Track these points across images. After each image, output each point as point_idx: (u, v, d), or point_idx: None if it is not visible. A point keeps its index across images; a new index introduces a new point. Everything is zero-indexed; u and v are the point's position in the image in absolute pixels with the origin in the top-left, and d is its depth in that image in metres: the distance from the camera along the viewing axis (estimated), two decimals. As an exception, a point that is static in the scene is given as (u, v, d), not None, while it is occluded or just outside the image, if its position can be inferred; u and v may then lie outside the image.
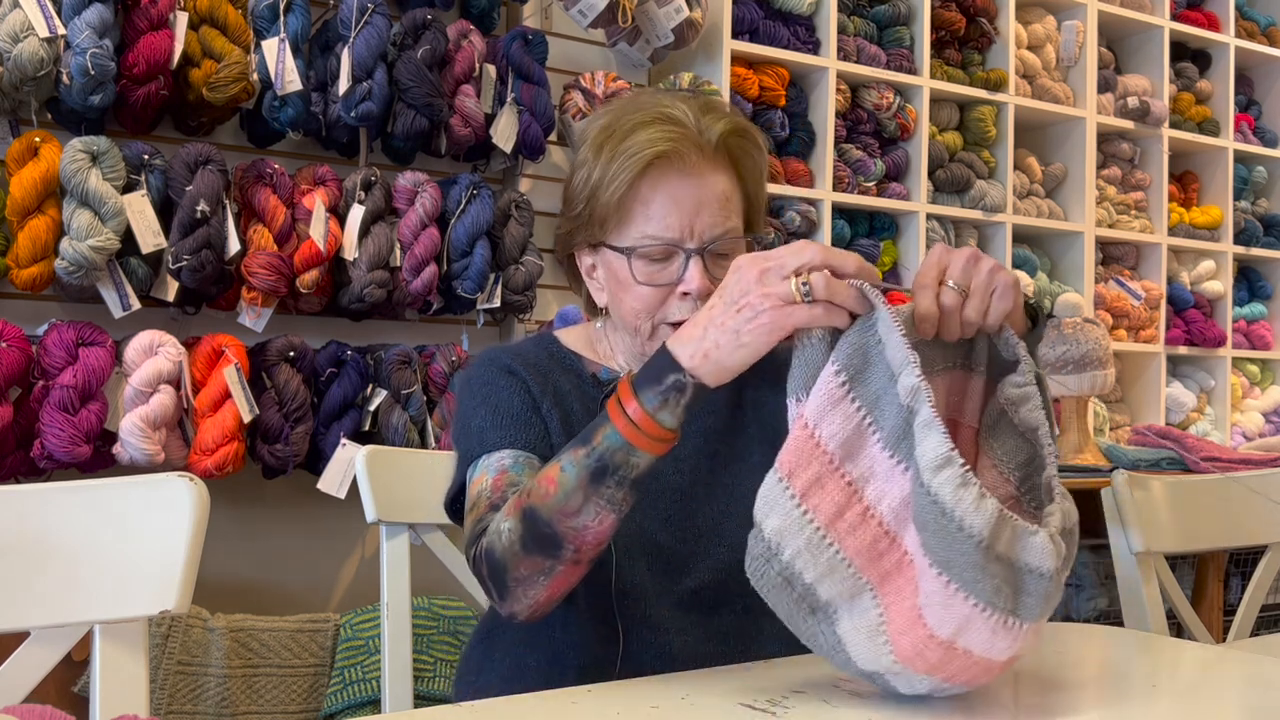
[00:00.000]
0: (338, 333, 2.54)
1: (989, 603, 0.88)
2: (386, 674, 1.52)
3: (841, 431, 0.97)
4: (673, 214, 1.22)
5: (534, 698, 1.03)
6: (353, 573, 2.67)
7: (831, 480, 0.96)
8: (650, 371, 1.06)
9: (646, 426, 1.05)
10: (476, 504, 1.20)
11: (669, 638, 1.22)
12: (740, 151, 1.28)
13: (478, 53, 2.59)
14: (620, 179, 1.22)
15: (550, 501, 1.08)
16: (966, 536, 0.88)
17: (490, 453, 1.23)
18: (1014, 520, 0.90)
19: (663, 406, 1.05)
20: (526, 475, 1.20)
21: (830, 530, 0.96)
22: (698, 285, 1.22)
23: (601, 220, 1.26)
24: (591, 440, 1.07)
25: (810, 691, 1.00)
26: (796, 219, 3.14)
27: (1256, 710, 1.06)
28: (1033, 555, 0.90)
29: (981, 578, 0.88)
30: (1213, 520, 1.75)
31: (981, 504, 0.88)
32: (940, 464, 0.90)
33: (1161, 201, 3.98)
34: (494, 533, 1.14)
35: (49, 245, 2.11)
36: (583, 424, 1.25)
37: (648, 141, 1.22)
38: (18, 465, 2.11)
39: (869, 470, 0.97)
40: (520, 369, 1.29)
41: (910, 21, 3.44)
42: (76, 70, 2.09)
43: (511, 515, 1.12)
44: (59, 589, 1.04)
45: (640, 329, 1.26)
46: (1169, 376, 4.00)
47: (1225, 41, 4.17)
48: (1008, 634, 0.89)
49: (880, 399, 0.96)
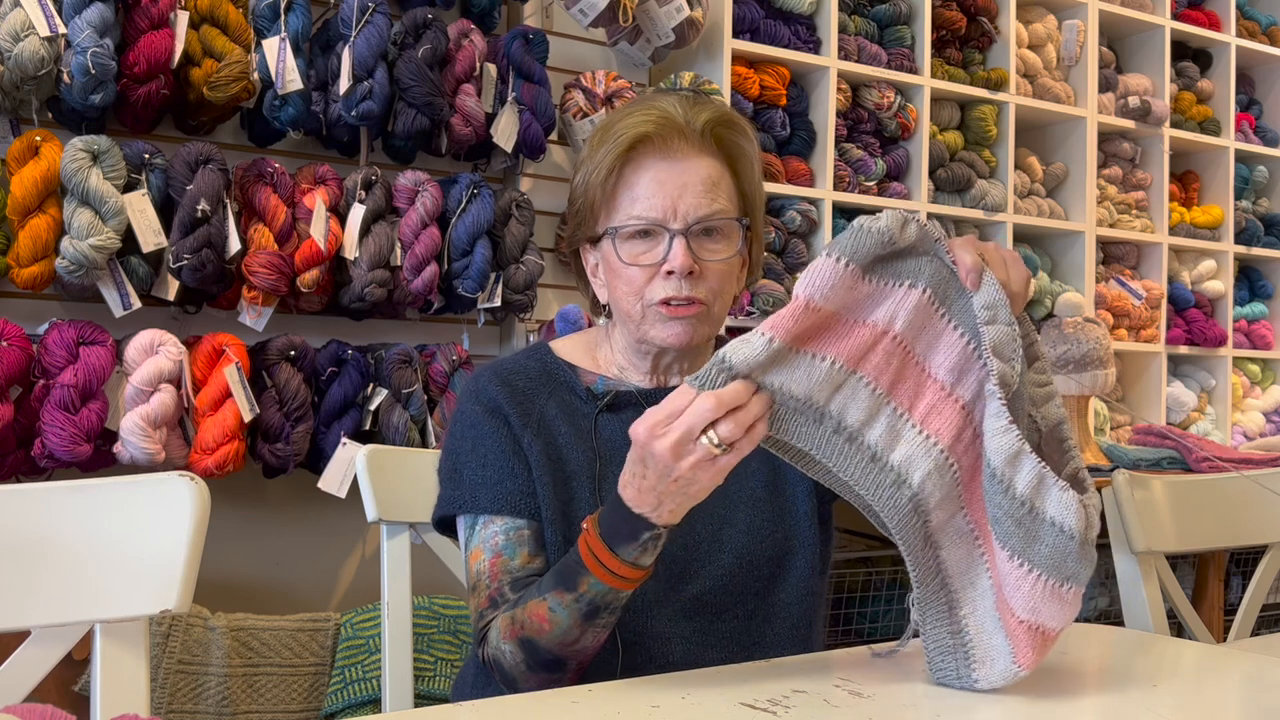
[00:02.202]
0: (338, 332, 2.54)
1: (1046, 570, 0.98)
2: (387, 673, 1.52)
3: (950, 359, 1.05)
4: (655, 195, 1.25)
5: (534, 698, 1.03)
6: (353, 572, 2.67)
7: (948, 405, 1.04)
8: (622, 529, 1.09)
9: (628, 573, 1.10)
10: (476, 587, 1.26)
11: (670, 646, 1.23)
12: (729, 141, 1.30)
13: (478, 52, 2.59)
14: (605, 163, 1.26)
15: (547, 637, 1.14)
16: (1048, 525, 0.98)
17: (481, 517, 1.28)
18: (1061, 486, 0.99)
19: (642, 554, 1.10)
20: (519, 557, 1.25)
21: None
22: (680, 264, 1.24)
23: (594, 209, 1.29)
24: (576, 587, 1.11)
25: (810, 691, 1.00)
26: (797, 218, 3.14)
27: (1256, 710, 1.06)
28: (1062, 512, 0.98)
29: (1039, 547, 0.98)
30: (1213, 520, 1.75)
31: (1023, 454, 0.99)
32: (1012, 454, 0.99)
33: (1162, 201, 3.97)
34: (496, 649, 1.19)
35: (50, 244, 2.11)
36: (569, 447, 1.28)
37: (630, 125, 1.26)
38: (18, 464, 2.11)
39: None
40: (505, 403, 1.31)
41: (911, 21, 3.44)
42: (77, 69, 2.09)
43: (509, 640, 1.18)
44: (60, 588, 1.04)
45: (632, 313, 1.28)
46: (1170, 376, 4.00)
47: (1226, 41, 4.17)
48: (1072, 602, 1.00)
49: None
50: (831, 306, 1.01)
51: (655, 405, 1.03)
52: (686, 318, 1.26)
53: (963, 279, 1.03)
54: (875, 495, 1.03)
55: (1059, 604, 0.98)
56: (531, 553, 1.26)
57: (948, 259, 1.04)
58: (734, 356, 1.00)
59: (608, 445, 1.30)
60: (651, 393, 1.34)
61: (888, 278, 1.03)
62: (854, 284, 1.01)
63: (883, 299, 1.03)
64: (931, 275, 1.03)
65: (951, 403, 1.03)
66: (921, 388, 1.04)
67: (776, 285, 3.02)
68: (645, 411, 1.04)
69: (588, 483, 1.28)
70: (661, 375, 1.35)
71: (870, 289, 1.03)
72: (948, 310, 1.04)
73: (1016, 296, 1.05)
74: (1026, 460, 0.98)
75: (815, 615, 1.33)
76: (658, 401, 1.33)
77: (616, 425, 1.31)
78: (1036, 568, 0.98)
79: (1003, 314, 1.02)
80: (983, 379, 1.02)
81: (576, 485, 1.28)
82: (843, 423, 1.03)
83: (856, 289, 1.02)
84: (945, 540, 1.04)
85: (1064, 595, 0.98)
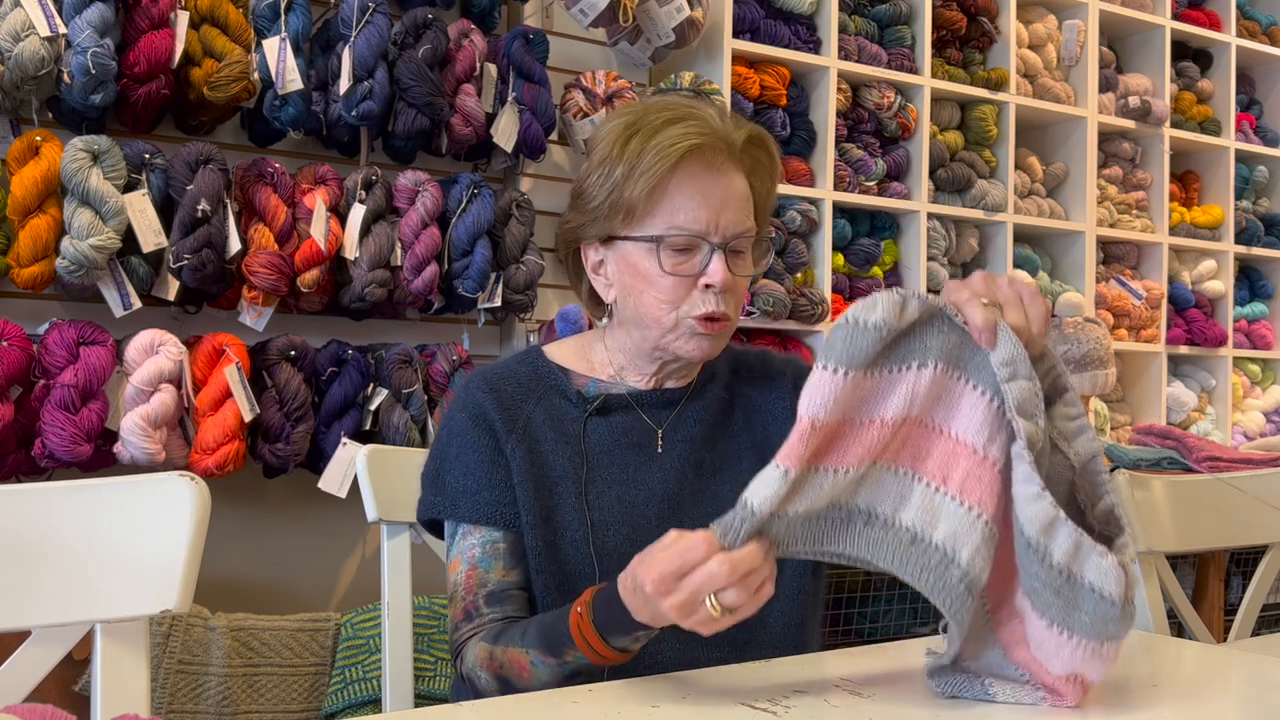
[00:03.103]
0: (339, 332, 2.54)
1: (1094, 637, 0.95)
2: (387, 673, 1.52)
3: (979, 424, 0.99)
4: (701, 208, 1.25)
5: (534, 698, 1.03)
6: (353, 572, 2.67)
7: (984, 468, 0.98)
8: (616, 624, 1.08)
9: (614, 657, 1.11)
10: (453, 597, 1.28)
11: (659, 646, 1.22)
12: (754, 159, 1.31)
13: (479, 52, 2.59)
14: (653, 170, 1.24)
15: (526, 684, 1.16)
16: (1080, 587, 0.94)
17: (462, 525, 1.30)
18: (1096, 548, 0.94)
19: (633, 643, 1.11)
20: (494, 570, 1.27)
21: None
22: (721, 279, 1.25)
23: (627, 212, 1.27)
24: (561, 655, 1.13)
25: (811, 691, 1.00)
26: (797, 218, 3.14)
27: (1257, 710, 1.06)
28: (1102, 579, 0.94)
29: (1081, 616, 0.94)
30: (1213, 520, 1.74)
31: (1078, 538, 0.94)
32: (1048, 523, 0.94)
33: (1162, 201, 3.97)
34: (472, 672, 1.22)
35: (50, 244, 2.11)
36: (554, 453, 1.29)
37: (682, 135, 1.25)
38: (19, 464, 2.11)
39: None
40: (491, 410, 1.31)
41: (911, 21, 3.44)
42: (77, 69, 2.09)
43: (486, 671, 1.20)
44: (60, 588, 1.04)
45: (662, 320, 1.28)
46: (1170, 376, 4.00)
47: (1226, 41, 4.17)
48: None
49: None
50: (837, 416, 0.96)
51: (663, 546, 1.00)
52: (717, 334, 1.28)
53: (976, 340, 0.97)
54: (922, 579, 0.97)
55: (1099, 660, 0.95)
56: (508, 566, 1.27)
57: (958, 320, 0.97)
58: (755, 500, 0.95)
59: (595, 449, 1.30)
60: (646, 394, 1.34)
61: (893, 364, 0.97)
62: (856, 386, 0.96)
63: (893, 389, 0.97)
64: (940, 347, 0.97)
65: (988, 466, 0.97)
66: (953, 455, 0.98)
67: (777, 285, 3.02)
68: (652, 554, 1.00)
69: (573, 488, 1.28)
70: (660, 379, 1.35)
71: (875, 383, 0.97)
72: (963, 373, 0.98)
73: (1037, 337, 0.99)
74: (1062, 528, 0.93)
75: (810, 616, 1.33)
76: (652, 404, 1.34)
77: (605, 429, 1.32)
78: (1077, 634, 0.94)
79: (1022, 368, 0.96)
80: (1011, 436, 0.97)
81: (561, 491, 1.28)
82: (874, 514, 0.98)
83: (861, 388, 0.96)
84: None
85: (1104, 653, 0.95)
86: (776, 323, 3.03)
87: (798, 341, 3.17)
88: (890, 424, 0.98)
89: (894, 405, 0.98)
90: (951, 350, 0.98)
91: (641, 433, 1.32)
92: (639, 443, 1.32)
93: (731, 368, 1.40)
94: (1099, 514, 1.01)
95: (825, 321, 3.12)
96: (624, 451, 1.31)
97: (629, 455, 1.31)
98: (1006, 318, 0.99)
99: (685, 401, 1.35)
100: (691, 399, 1.35)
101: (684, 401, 1.35)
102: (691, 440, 1.33)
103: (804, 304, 3.06)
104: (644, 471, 1.31)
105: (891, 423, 0.98)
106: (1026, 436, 0.95)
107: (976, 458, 0.98)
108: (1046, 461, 0.99)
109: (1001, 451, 0.98)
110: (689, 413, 1.35)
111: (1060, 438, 1.01)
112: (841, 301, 3.26)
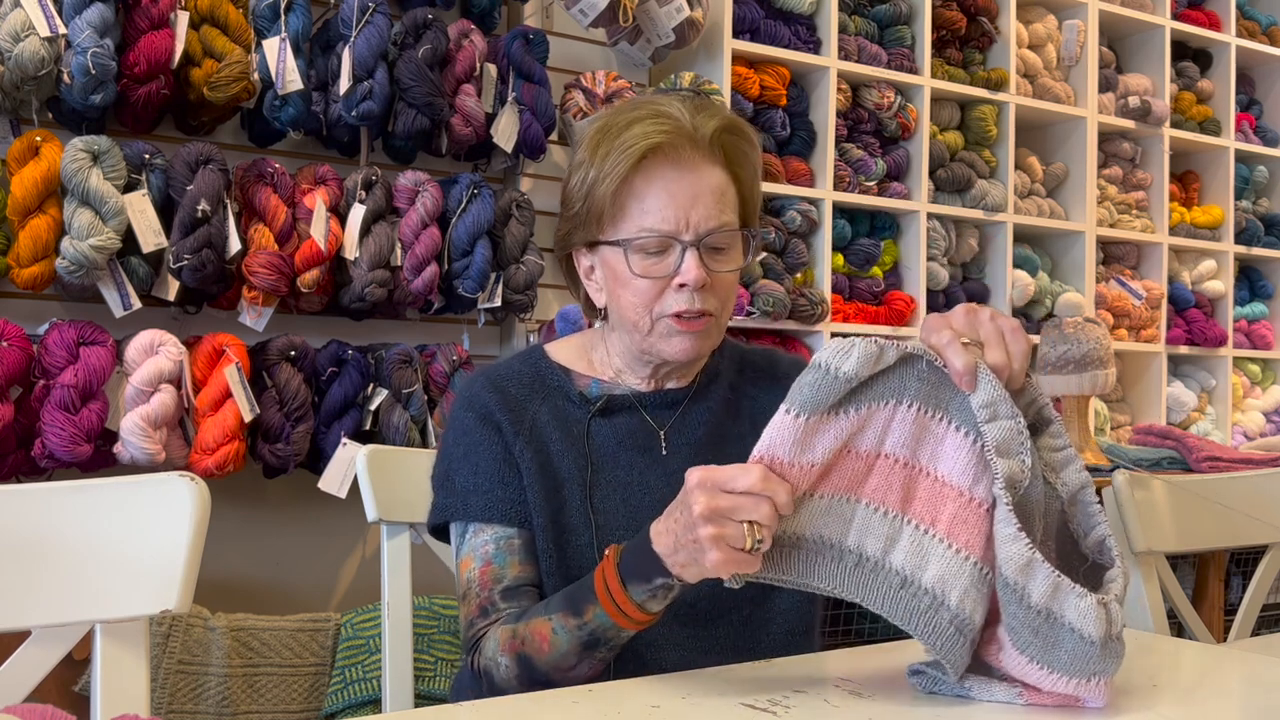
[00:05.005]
0: (338, 332, 2.54)
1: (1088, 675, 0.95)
2: (387, 673, 1.52)
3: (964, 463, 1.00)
4: (668, 206, 1.23)
5: (534, 698, 1.03)
6: (353, 572, 2.67)
7: (971, 511, 0.99)
8: (639, 566, 1.08)
9: (634, 614, 1.10)
10: (466, 595, 1.26)
11: (663, 653, 1.22)
12: (734, 148, 1.28)
13: (479, 52, 2.59)
14: (615, 172, 1.23)
15: (545, 658, 1.14)
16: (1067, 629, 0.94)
17: (473, 524, 1.28)
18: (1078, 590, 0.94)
19: (650, 599, 1.09)
20: (509, 566, 1.25)
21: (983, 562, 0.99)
22: (694, 277, 1.23)
23: (598, 216, 1.26)
24: (582, 614, 1.12)
25: (811, 691, 1.00)
26: (797, 218, 3.14)
27: (1257, 710, 1.06)
28: (1081, 619, 0.94)
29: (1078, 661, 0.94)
30: (1213, 520, 1.74)
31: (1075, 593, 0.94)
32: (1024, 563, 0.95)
33: (1162, 201, 3.97)
34: (490, 661, 1.20)
35: (50, 244, 2.11)
36: (560, 454, 1.28)
37: (641, 134, 1.23)
38: (18, 464, 2.11)
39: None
40: (497, 409, 1.30)
41: (911, 21, 3.44)
42: (77, 69, 2.09)
43: (506, 653, 1.18)
44: (60, 588, 1.04)
45: (640, 324, 1.27)
46: (1170, 376, 4.00)
47: (1226, 41, 4.17)
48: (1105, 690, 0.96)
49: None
50: (802, 454, 0.98)
51: (709, 468, 1.01)
52: (696, 331, 1.25)
53: (957, 384, 0.99)
54: (912, 622, 0.97)
55: (1088, 692, 0.95)
56: (522, 561, 1.26)
57: (938, 363, 0.99)
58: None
59: (599, 451, 1.30)
60: (648, 396, 1.33)
61: (870, 401, 0.99)
62: (822, 426, 0.98)
63: (868, 424, 0.99)
64: (918, 389, 0.99)
65: (974, 508, 0.98)
66: (940, 498, 0.99)
67: (776, 286, 3.02)
68: (709, 468, 1.01)
69: (579, 489, 1.27)
70: (659, 380, 1.34)
71: (850, 420, 0.98)
72: (944, 413, 1.00)
73: (1019, 373, 1.00)
74: (1039, 569, 0.94)
75: (812, 620, 1.33)
76: (654, 405, 1.33)
77: (609, 430, 1.31)
78: (1057, 670, 0.95)
79: (1003, 409, 0.97)
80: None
81: (568, 492, 1.27)
82: (864, 556, 0.99)
83: (829, 429, 0.98)
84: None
85: (1091, 687, 0.95)
86: (776, 323, 3.03)
87: (797, 341, 3.16)
88: (868, 456, 1.00)
89: (869, 438, 1.00)
90: (930, 393, 1.00)
91: (645, 434, 1.32)
92: (643, 445, 1.31)
93: (737, 368, 1.40)
94: (1091, 544, 1.01)
95: (825, 322, 3.13)
96: (628, 454, 1.30)
97: (633, 458, 1.30)
98: (987, 356, 1.00)
99: (688, 402, 1.34)
100: (695, 399, 1.35)
101: (687, 402, 1.34)
102: (696, 443, 1.32)
103: (804, 304, 3.06)
104: (648, 475, 1.30)
105: (867, 455, 1.00)
106: (1006, 476, 0.96)
107: (963, 500, 0.99)
108: (1040, 493, 1.00)
109: (988, 492, 0.98)
110: (693, 414, 1.34)
111: (1048, 469, 1.02)
112: (841, 302, 3.26)
